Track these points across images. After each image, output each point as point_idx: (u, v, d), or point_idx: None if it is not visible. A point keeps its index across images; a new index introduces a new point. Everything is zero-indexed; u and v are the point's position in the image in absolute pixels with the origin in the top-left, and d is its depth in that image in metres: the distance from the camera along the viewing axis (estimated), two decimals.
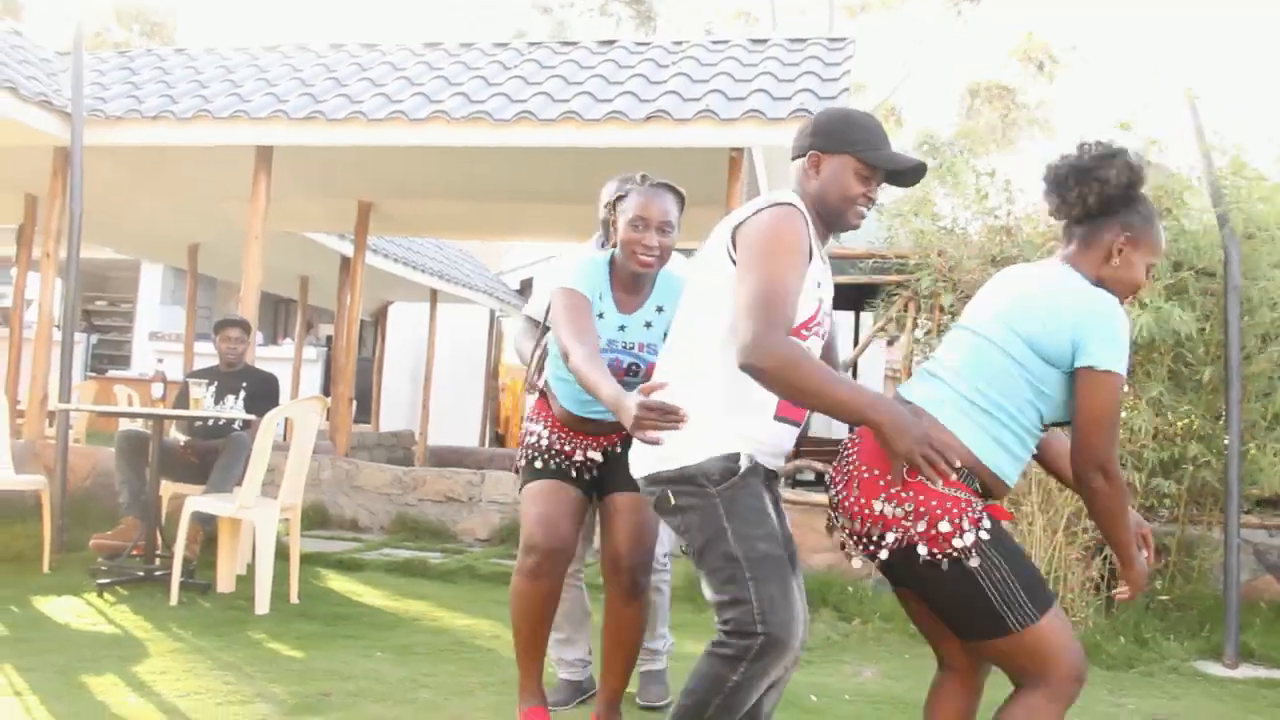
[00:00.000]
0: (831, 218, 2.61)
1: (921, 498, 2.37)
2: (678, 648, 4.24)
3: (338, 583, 6.14)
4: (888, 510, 2.39)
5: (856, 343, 5.84)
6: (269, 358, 12.39)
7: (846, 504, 2.47)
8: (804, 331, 2.54)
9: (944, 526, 2.35)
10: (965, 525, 2.37)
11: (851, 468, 2.48)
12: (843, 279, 5.47)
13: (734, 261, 2.48)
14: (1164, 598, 5.69)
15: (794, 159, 2.66)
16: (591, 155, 7.12)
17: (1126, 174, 2.51)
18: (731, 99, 7.01)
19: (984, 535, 2.39)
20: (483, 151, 7.43)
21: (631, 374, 3.29)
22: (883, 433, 2.29)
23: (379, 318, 16.33)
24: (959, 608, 2.44)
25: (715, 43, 8.57)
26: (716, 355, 2.51)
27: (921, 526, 2.36)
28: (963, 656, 2.66)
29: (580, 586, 3.98)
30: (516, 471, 3.55)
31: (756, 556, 2.45)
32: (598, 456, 3.46)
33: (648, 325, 3.31)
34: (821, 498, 6.08)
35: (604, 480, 3.48)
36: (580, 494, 3.45)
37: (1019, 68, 19.95)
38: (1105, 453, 2.40)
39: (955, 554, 2.36)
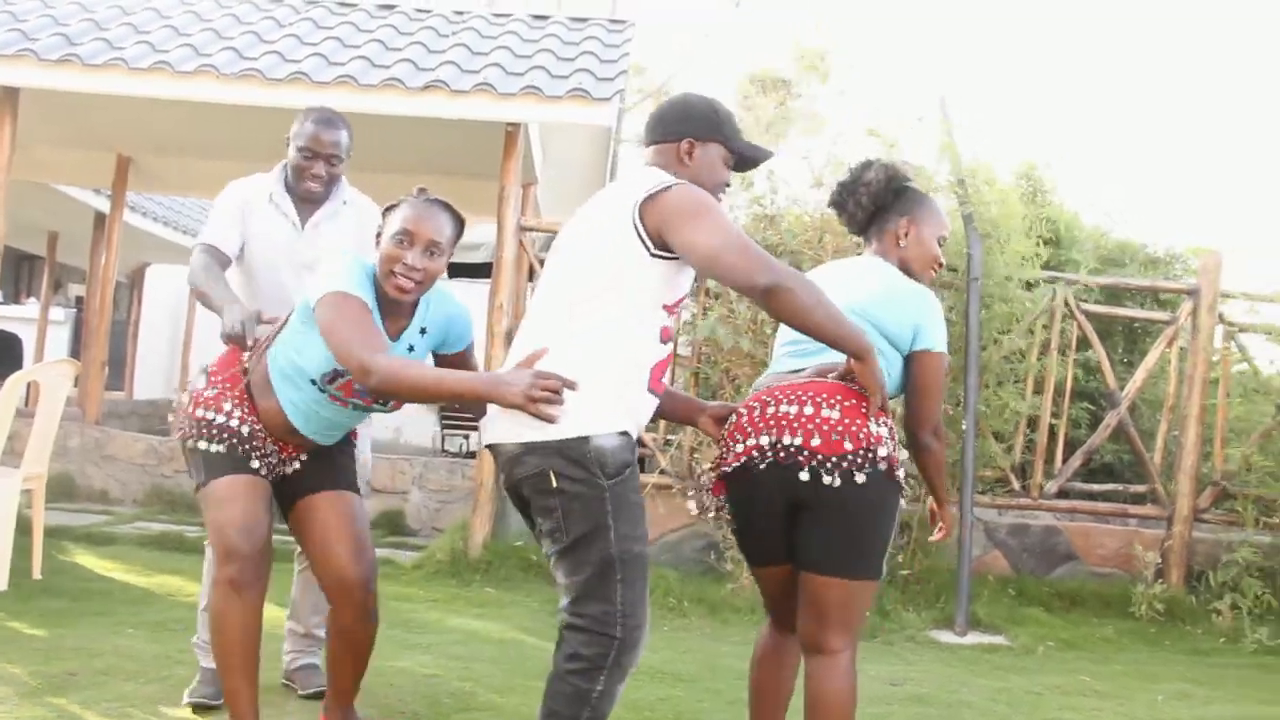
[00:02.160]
0: None
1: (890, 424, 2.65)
2: (442, 622, 4.25)
3: (86, 558, 5.85)
4: (881, 431, 2.61)
5: None
6: (10, 317, 11.64)
7: (814, 425, 2.59)
8: (673, 309, 2.58)
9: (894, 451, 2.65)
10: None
11: (811, 395, 2.63)
12: None
13: (644, 236, 2.46)
14: (905, 572, 6.09)
15: (657, 143, 2.68)
16: (367, 121, 6.99)
17: (883, 173, 2.95)
18: (510, 74, 7.01)
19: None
20: (253, 110, 7.17)
21: (380, 404, 2.96)
22: (870, 361, 2.52)
23: (136, 279, 15.51)
24: (853, 536, 2.64)
25: (497, 15, 8.53)
26: (608, 326, 2.48)
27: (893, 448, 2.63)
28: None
29: None
30: (187, 446, 3.02)
31: (629, 558, 2.47)
32: (299, 462, 3.12)
33: (410, 349, 2.94)
34: None
35: (300, 478, 3.11)
36: (267, 482, 3.05)
37: (793, 66, 20.58)
38: (937, 417, 2.82)
39: (896, 475, 2.63)
